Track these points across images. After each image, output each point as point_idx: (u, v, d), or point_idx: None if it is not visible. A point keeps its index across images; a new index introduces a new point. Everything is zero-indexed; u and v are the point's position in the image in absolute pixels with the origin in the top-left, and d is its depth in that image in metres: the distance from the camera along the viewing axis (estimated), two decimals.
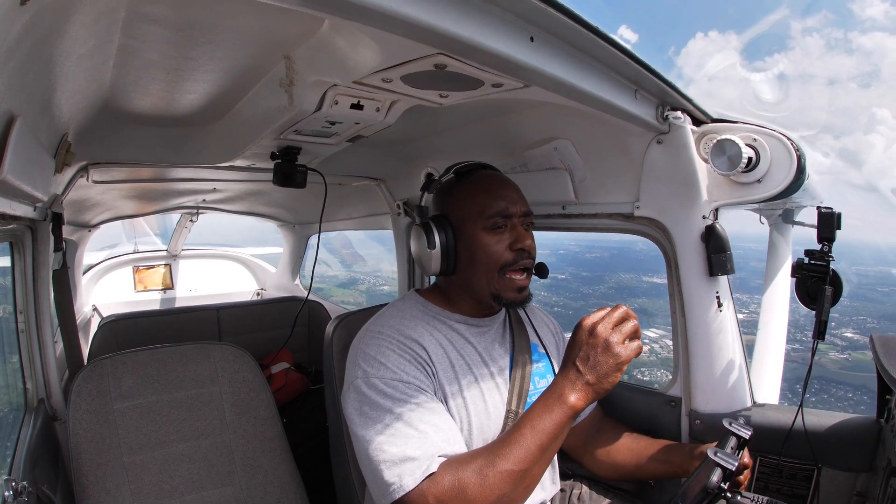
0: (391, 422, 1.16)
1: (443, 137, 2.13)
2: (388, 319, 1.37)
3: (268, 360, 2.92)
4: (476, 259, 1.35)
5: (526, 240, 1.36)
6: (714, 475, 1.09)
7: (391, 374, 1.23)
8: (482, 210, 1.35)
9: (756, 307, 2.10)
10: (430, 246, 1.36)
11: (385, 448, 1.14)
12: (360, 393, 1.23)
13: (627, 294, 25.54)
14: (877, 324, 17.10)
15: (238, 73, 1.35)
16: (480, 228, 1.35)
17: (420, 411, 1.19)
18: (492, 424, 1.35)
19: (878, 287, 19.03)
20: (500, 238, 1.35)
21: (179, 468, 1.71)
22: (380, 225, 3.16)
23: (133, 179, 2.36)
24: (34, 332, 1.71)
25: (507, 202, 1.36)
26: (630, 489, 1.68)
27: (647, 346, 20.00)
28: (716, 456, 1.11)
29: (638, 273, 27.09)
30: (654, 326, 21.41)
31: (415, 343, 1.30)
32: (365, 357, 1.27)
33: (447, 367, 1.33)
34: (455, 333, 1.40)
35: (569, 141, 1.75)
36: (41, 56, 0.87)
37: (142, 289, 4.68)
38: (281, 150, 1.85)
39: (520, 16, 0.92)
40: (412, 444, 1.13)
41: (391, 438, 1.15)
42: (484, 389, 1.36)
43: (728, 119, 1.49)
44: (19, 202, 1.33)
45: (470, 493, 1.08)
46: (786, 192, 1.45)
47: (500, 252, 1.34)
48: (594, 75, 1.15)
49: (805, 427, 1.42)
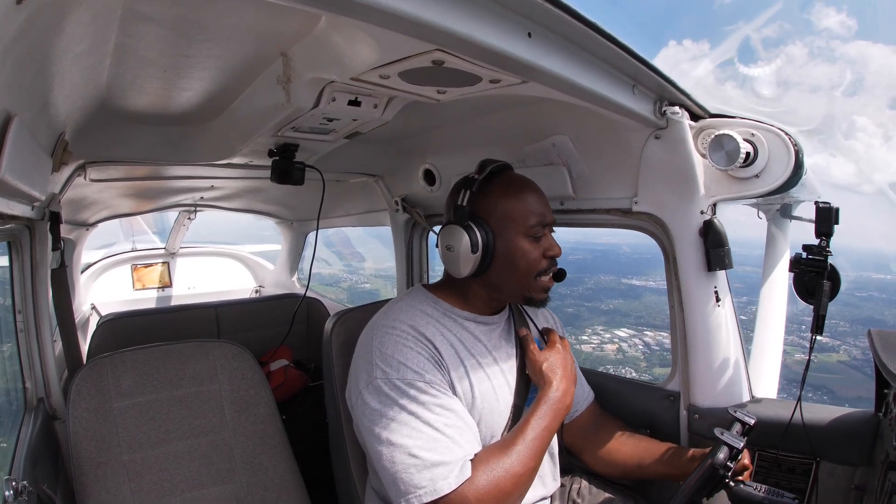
0: (418, 426, 1.19)
1: (441, 133, 2.12)
2: (399, 314, 1.36)
3: (267, 357, 2.92)
4: (515, 265, 1.36)
5: (557, 248, 1.40)
6: (721, 452, 1.12)
7: (412, 374, 1.23)
8: (524, 216, 1.35)
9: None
10: (474, 249, 1.33)
11: (415, 452, 1.17)
12: (382, 394, 1.23)
13: (604, 295, 25.82)
14: (849, 328, 17.33)
15: (235, 71, 1.34)
16: (522, 235, 1.35)
17: (445, 414, 1.21)
18: (499, 419, 1.37)
19: (855, 292, 19.30)
20: (537, 245, 1.37)
21: (179, 466, 1.71)
22: (378, 221, 3.15)
23: (130, 178, 2.35)
24: (33, 332, 1.71)
25: (545, 210, 1.39)
26: (630, 484, 1.69)
27: (616, 345, 20.34)
28: (723, 435, 1.13)
29: (618, 275, 27.44)
30: (626, 326, 21.70)
31: (428, 341, 1.30)
32: (382, 356, 1.26)
33: (458, 365, 1.33)
34: (465, 332, 1.40)
35: (567, 137, 1.74)
36: (38, 55, 0.86)
37: (140, 287, 4.67)
38: (278, 147, 1.84)
39: (517, 11, 0.92)
40: (441, 448, 1.17)
41: (420, 442, 1.17)
42: (495, 386, 1.37)
43: (726, 114, 1.49)
44: (17, 201, 1.32)
45: (504, 489, 1.18)
46: (784, 186, 1.45)
47: (538, 259, 1.37)
48: (592, 71, 1.15)
49: (803, 421, 1.43)
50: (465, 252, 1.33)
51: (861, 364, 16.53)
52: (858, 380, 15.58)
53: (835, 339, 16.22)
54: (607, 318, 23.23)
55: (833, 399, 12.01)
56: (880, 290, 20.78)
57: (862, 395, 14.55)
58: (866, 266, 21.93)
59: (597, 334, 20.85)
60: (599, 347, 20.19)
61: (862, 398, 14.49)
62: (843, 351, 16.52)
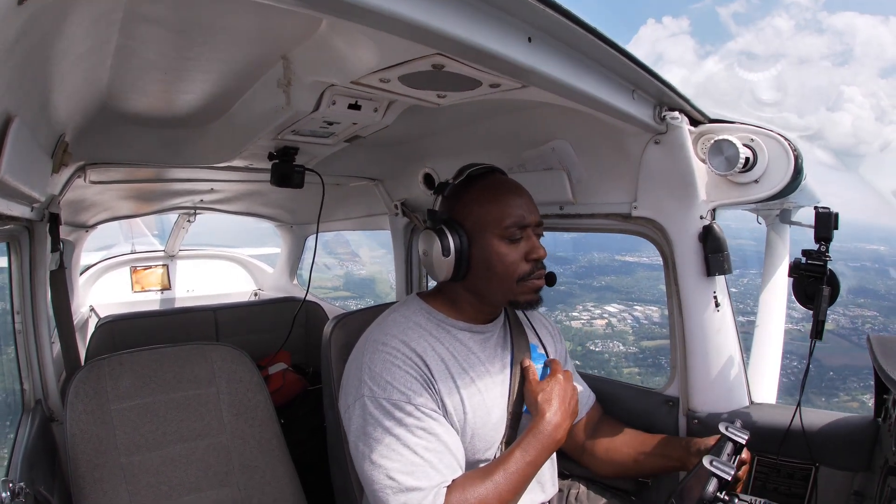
0: (399, 448, 1.20)
1: (441, 138, 2.13)
2: (391, 328, 1.35)
3: (265, 360, 2.91)
4: (492, 269, 1.33)
5: (540, 250, 1.35)
6: (710, 485, 1.09)
7: (398, 394, 1.23)
8: (499, 219, 1.32)
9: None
10: (445, 253, 1.31)
11: (392, 474, 1.18)
12: (367, 412, 1.24)
13: (596, 273, 25.92)
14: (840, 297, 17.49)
15: (235, 74, 1.35)
16: (497, 237, 1.32)
17: (427, 438, 1.21)
18: (494, 431, 1.35)
19: (849, 262, 19.45)
20: (516, 248, 1.33)
21: (177, 469, 1.71)
22: (377, 225, 3.15)
23: (130, 180, 2.35)
24: (31, 333, 1.70)
25: (525, 211, 1.34)
26: (628, 489, 1.69)
27: (605, 319, 20.51)
28: (711, 465, 1.10)
29: (612, 252, 27.52)
30: (616, 302, 21.82)
31: (418, 358, 1.30)
32: (371, 374, 1.27)
33: (448, 381, 1.32)
34: (458, 343, 1.38)
35: (566, 141, 1.75)
36: (39, 56, 0.87)
37: (139, 289, 4.66)
38: (279, 150, 1.85)
39: (518, 16, 0.92)
40: (418, 472, 1.18)
41: (398, 465, 1.19)
42: (487, 398, 1.36)
43: (725, 119, 1.50)
44: (17, 202, 1.33)
45: None
46: (783, 192, 1.45)
47: (517, 262, 1.33)
48: (592, 76, 1.15)
49: (803, 426, 1.42)
50: (438, 256, 1.33)
51: (848, 333, 16.58)
52: (845, 348, 15.60)
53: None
54: (598, 294, 23.36)
55: (817, 367, 12.11)
56: (873, 261, 20.88)
57: (847, 364, 14.56)
58: (860, 237, 22.06)
59: (587, 310, 21.11)
60: (589, 323, 20.48)
61: (848, 367, 14.49)
62: (832, 321, 16.60)
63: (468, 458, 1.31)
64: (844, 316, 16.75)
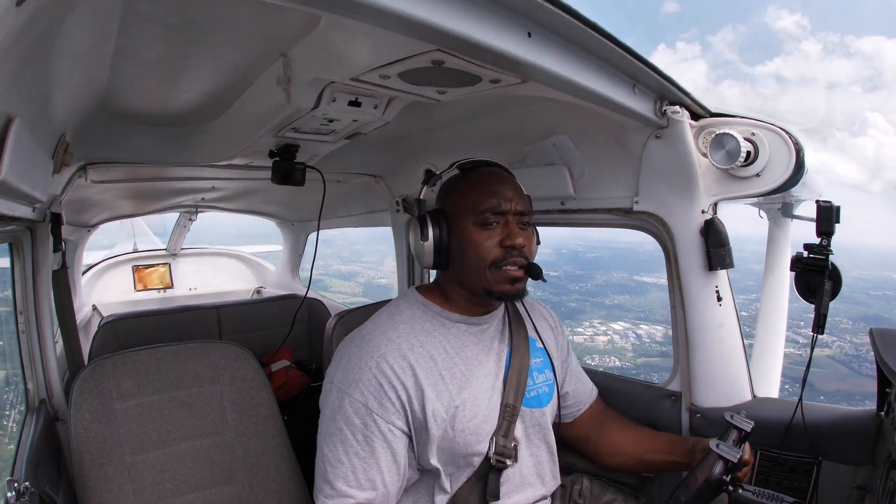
0: (344, 453, 1.27)
1: (441, 133, 2.12)
2: (381, 326, 1.38)
3: (268, 357, 2.92)
4: (465, 254, 1.35)
5: (517, 237, 1.33)
6: (717, 467, 1.11)
7: (363, 399, 1.28)
8: (474, 205, 1.34)
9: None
10: (423, 238, 1.36)
11: (330, 477, 1.27)
12: (334, 404, 1.31)
13: (611, 291, 26.36)
14: (850, 325, 17.38)
15: (235, 72, 1.34)
16: (472, 224, 1.34)
17: (372, 460, 1.27)
18: (485, 424, 1.35)
19: (869, 291, 19.45)
20: (490, 234, 1.33)
21: (181, 467, 1.71)
22: (379, 222, 3.15)
23: (131, 179, 2.35)
24: (34, 333, 1.71)
25: (500, 199, 1.34)
26: (632, 483, 1.69)
27: (608, 336, 20.75)
28: (718, 448, 1.12)
29: (630, 272, 27.91)
30: (623, 320, 22.04)
31: (402, 358, 1.31)
32: (345, 370, 1.32)
33: (436, 379, 1.32)
34: (452, 336, 1.39)
35: (567, 136, 1.75)
36: (38, 56, 0.86)
37: (141, 288, 4.67)
38: (279, 148, 1.84)
39: (517, 11, 0.92)
40: (353, 482, 1.26)
41: (338, 471, 1.27)
42: (477, 391, 1.36)
43: (726, 113, 1.49)
44: (18, 203, 1.33)
45: None
46: (784, 186, 1.45)
47: (490, 248, 1.33)
48: (592, 70, 1.15)
49: (805, 420, 1.42)
50: (418, 242, 1.37)
51: (849, 360, 16.55)
52: (842, 374, 15.59)
53: (831, 336, 16.27)
54: (607, 312, 23.65)
55: (808, 392, 12.23)
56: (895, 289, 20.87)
57: (840, 389, 14.55)
58: (887, 266, 22.14)
59: (592, 327, 21.48)
60: (591, 339, 20.86)
61: (840, 391, 14.49)
62: (836, 347, 16.57)
63: (459, 451, 1.32)
64: (850, 343, 16.69)
